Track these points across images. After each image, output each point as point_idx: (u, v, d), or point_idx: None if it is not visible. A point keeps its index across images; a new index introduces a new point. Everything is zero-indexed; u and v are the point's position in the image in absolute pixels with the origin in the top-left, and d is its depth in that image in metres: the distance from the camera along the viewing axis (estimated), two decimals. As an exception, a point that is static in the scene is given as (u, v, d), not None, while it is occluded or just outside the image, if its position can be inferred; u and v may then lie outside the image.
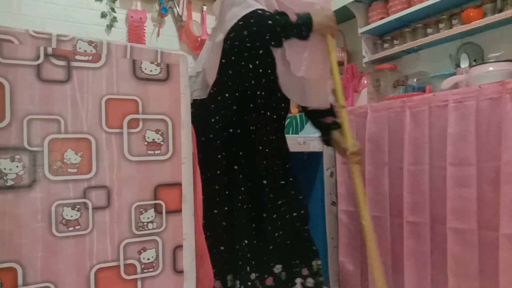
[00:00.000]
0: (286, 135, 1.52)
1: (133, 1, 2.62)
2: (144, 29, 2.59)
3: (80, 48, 0.95)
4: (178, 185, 1.04)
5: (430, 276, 1.62)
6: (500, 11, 1.92)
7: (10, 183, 0.87)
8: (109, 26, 2.53)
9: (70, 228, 0.92)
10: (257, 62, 1.35)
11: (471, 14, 2.01)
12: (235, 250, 1.33)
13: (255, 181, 1.37)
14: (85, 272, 0.93)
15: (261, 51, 1.34)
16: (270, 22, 1.25)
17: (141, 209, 1.00)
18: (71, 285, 0.92)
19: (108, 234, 0.96)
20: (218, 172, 1.34)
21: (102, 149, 0.96)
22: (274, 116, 1.41)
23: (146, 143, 1.01)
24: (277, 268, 1.37)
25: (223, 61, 1.35)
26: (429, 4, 2.16)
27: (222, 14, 1.32)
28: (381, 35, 2.56)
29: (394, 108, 1.79)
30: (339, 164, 2.06)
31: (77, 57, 0.95)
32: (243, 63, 1.35)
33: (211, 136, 1.35)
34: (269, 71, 1.36)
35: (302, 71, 1.33)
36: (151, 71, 1.02)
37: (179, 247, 1.04)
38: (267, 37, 1.28)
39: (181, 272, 1.04)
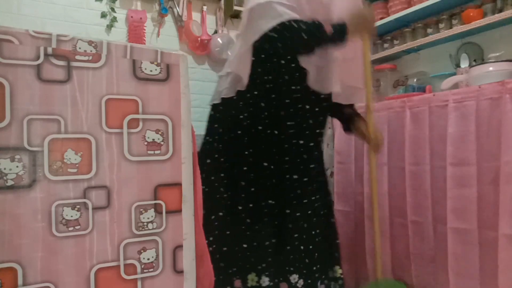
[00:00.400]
0: None
1: (133, 1, 2.62)
2: (144, 29, 2.59)
3: (80, 48, 0.95)
4: (178, 185, 1.04)
5: (433, 276, 1.63)
6: (500, 11, 1.92)
7: (10, 183, 0.87)
8: (109, 26, 2.53)
9: (70, 228, 0.92)
10: (289, 57, 1.33)
11: (471, 14, 2.01)
12: (263, 247, 1.29)
13: (284, 176, 1.33)
14: (85, 272, 0.93)
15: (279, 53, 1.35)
16: (304, 35, 1.23)
17: (141, 209, 1.00)
18: (71, 285, 0.92)
19: (108, 234, 0.96)
20: (245, 168, 1.33)
21: (102, 149, 0.96)
22: (316, 109, 1.38)
23: (146, 143, 1.01)
24: (293, 278, 1.32)
25: (253, 59, 1.34)
26: (429, 4, 2.16)
27: (252, 21, 1.29)
28: (381, 35, 2.56)
29: (394, 108, 1.79)
30: (336, 163, 2.06)
31: (77, 57, 0.95)
32: (274, 59, 1.33)
33: (239, 132, 1.34)
34: (283, 62, 1.34)
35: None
36: (151, 71, 1.02)
37: (179, 247, 1.04)
38: (300, 50, 1.30)
39: (181, 272, 1.04)
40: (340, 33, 1.26)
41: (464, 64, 2.09)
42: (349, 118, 1.56)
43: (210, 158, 1.38)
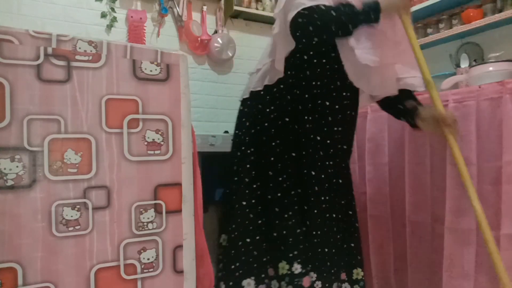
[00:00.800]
0: None
1: (133, 1, 2.62)
2: (144, 29, 2.59)
3: (80, 48, 0.95)
4: (178, 185, 1.04)
5: (433, 276, 1.62)
6: (500, 11, 1.93)
7: (10, 183, 0.87)
8: (109, 26, 2.52)
9: (70, 228, 0.92)
10: (311, 53, 1.34)
11: (471, 14, 2.02)
12: (294, 235, 1.30)
13: (303, 170, 1.35)
14: (85, 272, 0.93)
15: (315, 42, 1.30)
16: (333, 13, 1.22)
17: (141, 209, 1.00)
18: (71, 285, 0.92)
19: (108, 234, 0.96)
20: (272, 158, 1.35)
21: (102, 149, 0.96)
22: (337, 106, 1.36)
23: (146, 143, 1.01)
24: (312, 277, 1.31)
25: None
26: (429, 4, 2.16)
27: (285, 15, 1.28)
28: (381, 35, 2.55)
29: (394, 108, 1.79)
30: None
31: (77, 57, 0.95)
32: (298, 55, 1.34)
33: (266, 125, 1.37)
34: (324, 60, 1.33)
35: (367, 59, 1.27)
36: (151, 71, 1.02)
37: (179, 247, 1.04)
38: (333, 29, 1.24)
39: (181, 272, 1.04)
40: (371, 6, 1.23)
41: (464, 64, 2.09)
42: (413, 111, 1.41)
43: (239, 151, 1.42)
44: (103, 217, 0.96)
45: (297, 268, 1.28)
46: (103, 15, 2.51)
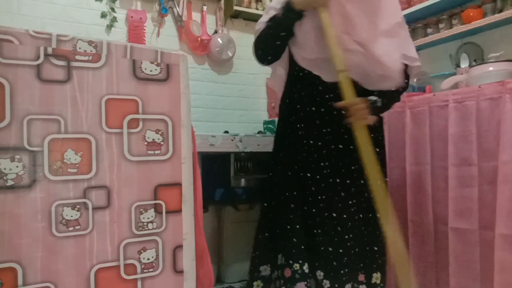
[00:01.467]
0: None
1: (133, 1, 2.61)
2: (144, 29, 2.59)
3: (80, 48, 0.95)
4: (178, 185, 1.04)
5: (435, 276, 1.62)
6: (500, 11, 1.92)
7: (10, 183, 0.87)
8: (109, 26, 2.52)
9: (70, 228, 0.92)
10: (296, 68, 1.49)
11: (471, 14, 2.01)
12: (280, 233, 1.42)
13: (300, 173, 1.44)
14: (85, 272, 0.93)
15: (270, 59, 1.51)
16: (264, 32, 1.45)
17: (141, 209, 1.00)
18: (71, 285, 0.92)
19: (108, 234, 0.96)
20: (272, 162, 1.52)
21: (102, 149, 0.96)
22: (322, 109, 1.43)
23: (146, 143, 1.01)
24: (319, 274, 1.38)
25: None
26: (429, 4, 2.16)
27: None
28: (381, 35, 2.55)
29: (394, 108, 1.79)
30: None
31: (77, 57, 0.95)
32: (290, 72, 1.52)
33: (274, 137, 1.57)
34: (301, 74, 1.46)
35: (311, 52, 1.40)
36: (151, 71, 1.02)
37: (179, 247, 1.04)
38: (271, 43, 1.45)
39: (181, 272, 1.04)
40: (284, 8, 1.37)
41: (464, 64, 2.09)
42: None
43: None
44: (103, 217, 0.96)
45: (281, 260, 1.41)
46: (103, 15, 2.50)
